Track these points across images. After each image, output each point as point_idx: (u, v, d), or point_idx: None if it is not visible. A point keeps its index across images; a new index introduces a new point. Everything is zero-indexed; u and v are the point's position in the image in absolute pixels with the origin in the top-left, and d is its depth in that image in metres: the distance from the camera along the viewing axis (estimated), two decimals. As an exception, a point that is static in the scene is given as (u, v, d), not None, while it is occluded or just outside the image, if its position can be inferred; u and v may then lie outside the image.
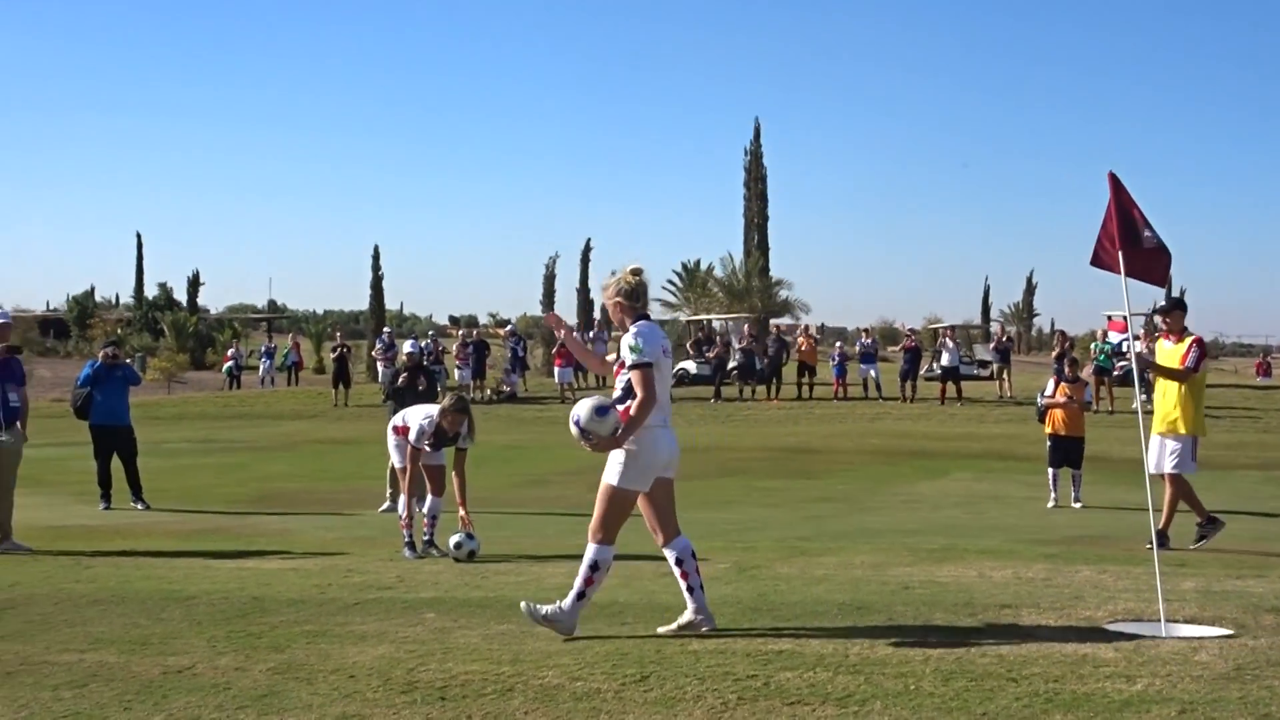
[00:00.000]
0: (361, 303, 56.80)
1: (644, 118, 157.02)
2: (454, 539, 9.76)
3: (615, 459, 6.34)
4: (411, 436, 10.28)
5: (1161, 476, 10.71)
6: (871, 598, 7.46)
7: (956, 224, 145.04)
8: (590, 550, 6.40)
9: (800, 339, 36.22)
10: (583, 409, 6.38)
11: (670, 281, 60.25)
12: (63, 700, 5.28)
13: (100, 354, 15.63)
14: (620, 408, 6.34)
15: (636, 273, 6.54)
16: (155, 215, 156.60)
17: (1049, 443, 15.21)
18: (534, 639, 6.33)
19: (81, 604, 7.76)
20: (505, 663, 5.76)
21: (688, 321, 49.11)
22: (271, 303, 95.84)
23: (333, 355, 37.00)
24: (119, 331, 59.52)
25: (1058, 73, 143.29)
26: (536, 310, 51.61)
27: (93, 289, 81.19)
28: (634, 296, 6.49)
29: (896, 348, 37.64)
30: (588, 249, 51.15)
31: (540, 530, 12.13)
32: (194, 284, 75.05)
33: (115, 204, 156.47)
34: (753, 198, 52.23)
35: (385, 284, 51.20)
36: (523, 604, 6.44)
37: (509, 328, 42.42)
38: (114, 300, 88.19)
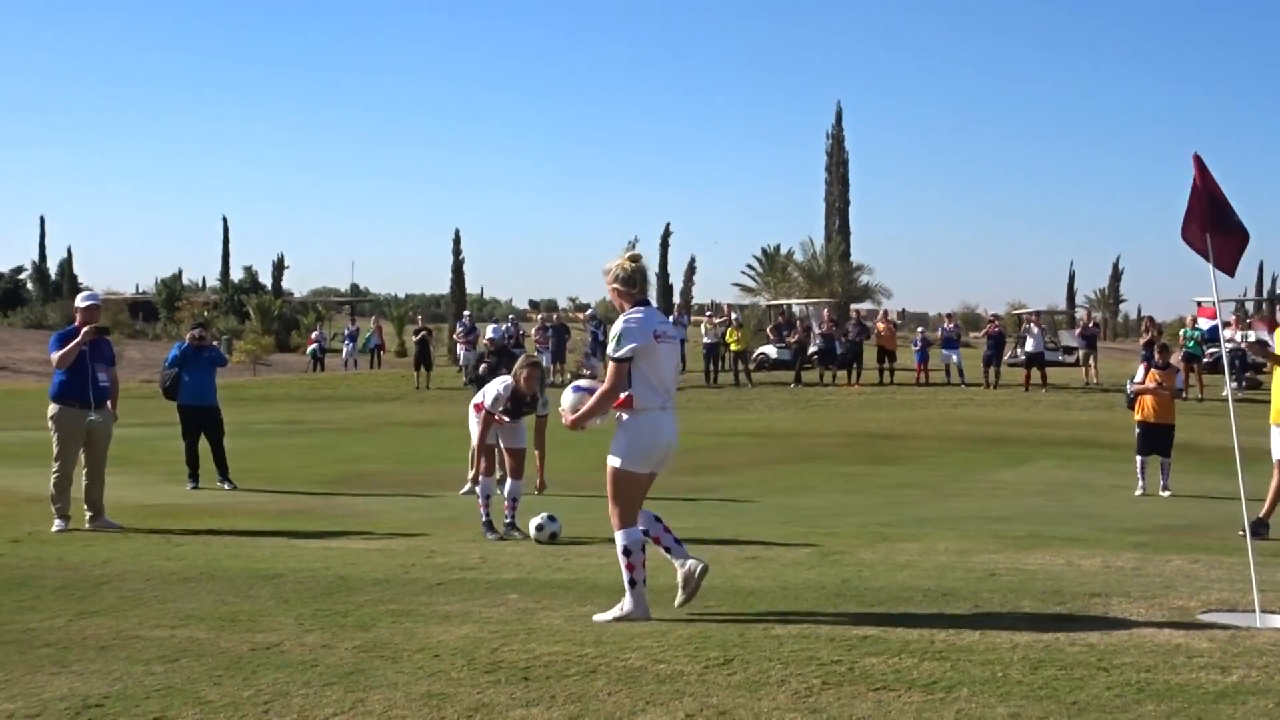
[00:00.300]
0: (442, 286, 57.35)
1: (724, 102, 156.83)
2: (535, 521, 9.79)
3: (616, 442, 6.40)
4: (487, 402, 10.30)
5: None
6: (957, 584, 7.38)
7: (1041, 208, 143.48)
8: (617, 538, 6.43)
9: (879, 324, 35.91)
10: (570, 386, 6.98)
11: (750, 266, 60.07)
12: (155, 674, 5.36)
13: (188, 336, 15.88)
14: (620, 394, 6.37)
15: (634, 259, 6.54)
16: (241, 200, 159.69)
17: (1138, 430, 14.94)
18: (616, 621, 6.34)
19: (172, 581, 7.90)
20: (588, 644, 5.77)
21: (768, 306, 48.90)
22: (354, 286, 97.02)
23: (414, 338, 37.32)
24: (206, 314, 60.41)
25: (1144, 52, 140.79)
26: (616, 294, 51.57)
27: (180, 272, 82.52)
28: (630, 282, 6.49)
29: (979, 333, 37.25)
30: (667, 233, 51.16)
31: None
32: (278, 267, 75.99)
33: (202, 190, 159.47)
34: (834, 181, 51.92)
35: (466, 268, 51.69)
36: (595, 618, 6.43)
37: (589, 312, 42.48)
38: (201, 283, 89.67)
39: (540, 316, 40.18)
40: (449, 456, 17.27)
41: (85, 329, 10.84)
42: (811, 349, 35.02)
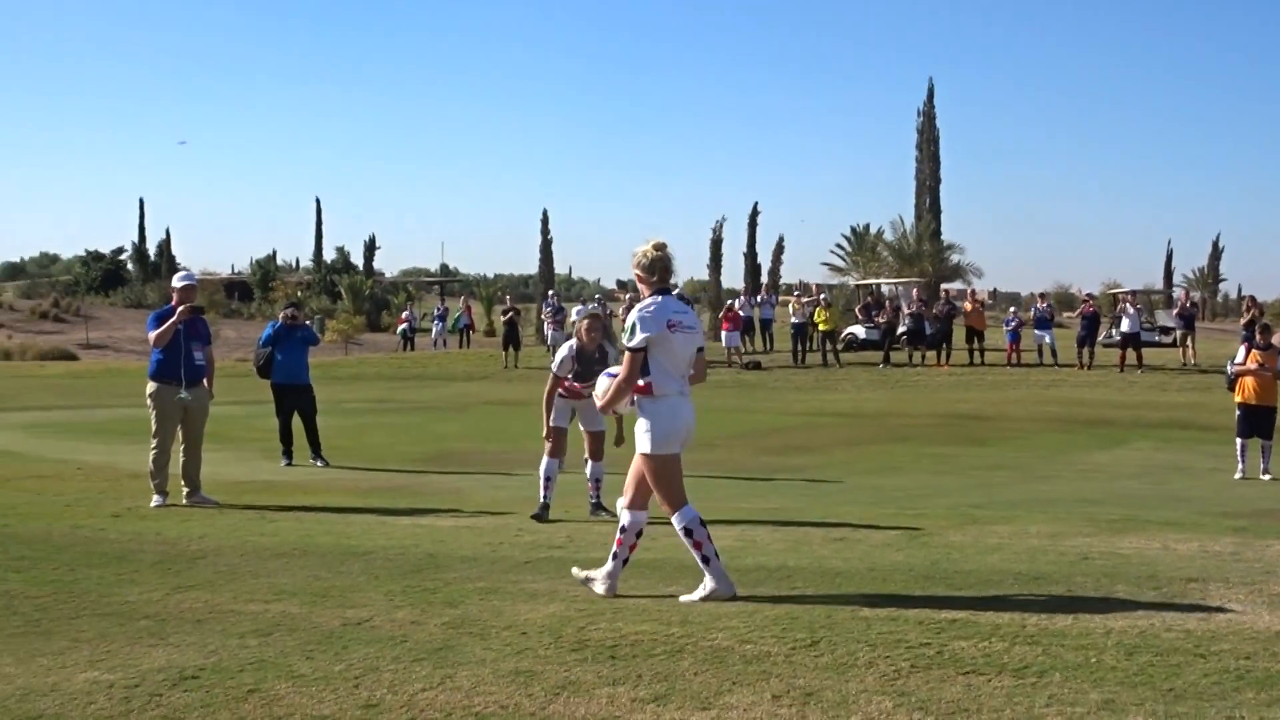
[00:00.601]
0: (531, 266, 57.57)
1: (813, 79, 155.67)
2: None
3: (640, 429, 6.49)
4: (554, 365, 10.23)
5: None
6: (1049, 568, 7.27)
7: (1138, 185, 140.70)
8: (675, 521, 6.48)
9: (967, 303, 35.43)
10: (604, 373, 7.37)
11: (839, 245, 59.58)
12: (249, 647, 5.45)
13: (281, 315, 16.08)
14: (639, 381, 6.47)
15: (659, 247, 6.57)
16: (334, 182, 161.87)
17: (1239, 411, 14.63)
18: (703, 601, 6.33)
19: (265, 556, 8.03)
20: (675, 624, 5.77)
21: (856, 286, 48.49)
22: (444, 266, 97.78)
23: (503, 318, 37.54)
24: (299, 294, 61.26)
25: (1242, 24, 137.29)
26: (703, 274, 51.49)
27: (274, 253, 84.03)
28: (650, 270, 6.54)
29: (1073, 313, 36.62)
30: (755, 213, 50.72)
31: (710, 493, 12.10)
32: (370, 248, 76.86)
33: (296, 171, 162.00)
34: (925, 160, 51.35)
35: (554, 248, 51.83)
36: (681, 599, 6.44)
37: (677, 290, 42.40)
38: (294, 264, 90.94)
39: (629, 296, 40.16)
40: (537, 435, 17.31)
41: (180, 308, 11.02)
42: (900, 329, 34.70)
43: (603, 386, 7.01)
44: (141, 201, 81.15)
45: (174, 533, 9.10)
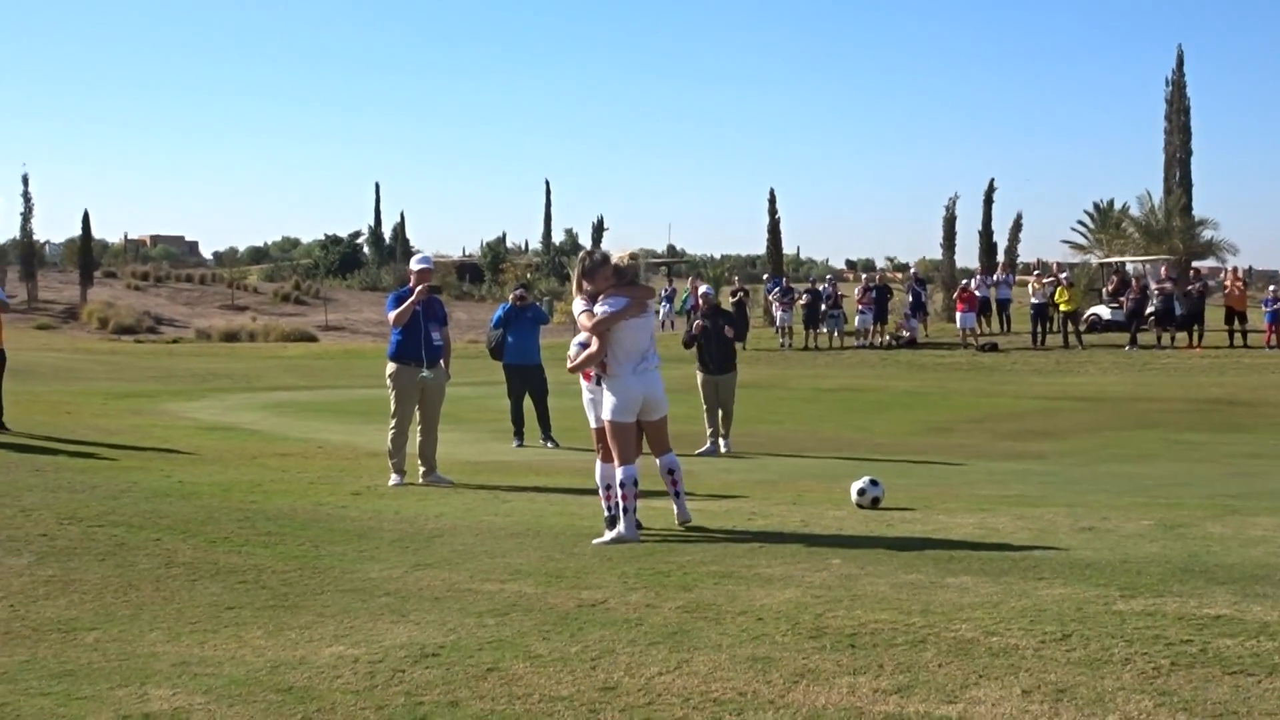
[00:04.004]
0: (758, 246, 57.42)
1: (1054, 50, 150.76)
2: (857, 485, 9.55)
3: (605, 400, 7.96)
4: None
5: None
6: (1321, 563, 6.77)
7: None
8: (618, 473, 7.90)
9: (1228, 282, 33.66)
10: (574, 341, 8.38)
11: (1080, 222, 57.47)
12: (487, 627, 5.49)
13: (511, 297, 16.33)
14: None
15: (633, 256, 8.18)
16: (563, 164, 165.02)
17: None
18: (944, 590, 6.10)
19: (500, 536, 8.12)
20: (915, 613, 5.57)
21: (1100, 264, 46.64)
22: (670, 247, 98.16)
23: (731, 299, 37.46)
24: (528, 275, 62.54)
25: None
26: (936, 253, 50.40)
27: (504, 236, 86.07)
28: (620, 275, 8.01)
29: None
30: (990, 190, 49.27)
31: (944, 479, 11.78)
32: (598, 229, 77.92)
33: (526, 154, 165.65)
34: (1174, 131, 48.96)
35: (782, 227, 51.54)
36: (594, 541, 7.77)
37: (911, 271, 41.66)
38: (524, 246, 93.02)
39: (865, 277, 39.64)
40: (767, 419, 17.23)
41: (418, 289, 11.23)
42: (1148, 309, 33.26)
43: (571, 350, 8.16)
44: (377, 186, 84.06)
45: (412, 511, 9.30)
